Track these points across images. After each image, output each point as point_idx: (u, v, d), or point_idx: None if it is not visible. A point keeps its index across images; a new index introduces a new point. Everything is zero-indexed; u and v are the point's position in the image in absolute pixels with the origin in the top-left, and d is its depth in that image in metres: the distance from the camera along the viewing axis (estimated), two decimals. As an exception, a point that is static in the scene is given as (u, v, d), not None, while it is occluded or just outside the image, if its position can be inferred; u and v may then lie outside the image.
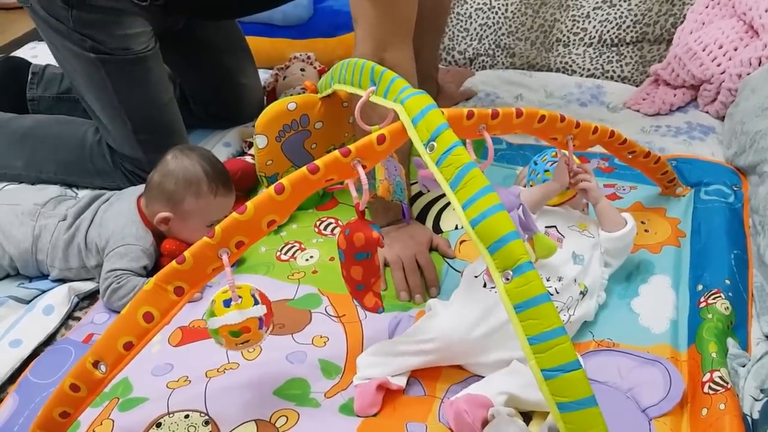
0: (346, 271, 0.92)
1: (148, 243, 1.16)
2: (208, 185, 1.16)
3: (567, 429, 0.66)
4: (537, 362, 0.67)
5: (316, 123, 1.27)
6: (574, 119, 1.04)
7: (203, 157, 1.19)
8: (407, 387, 0.94)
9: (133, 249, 1.14)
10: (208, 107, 1.58)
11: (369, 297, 0.94)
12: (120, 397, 0.95)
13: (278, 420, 0.90)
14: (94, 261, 1.16)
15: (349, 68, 1.02)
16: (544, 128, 0.99)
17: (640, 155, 1.19)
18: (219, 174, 1.19)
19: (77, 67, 1.32)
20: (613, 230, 1.07)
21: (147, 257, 1.15)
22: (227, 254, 0.77)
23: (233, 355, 1.00)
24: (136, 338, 0.77)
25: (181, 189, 1.16)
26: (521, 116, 0.94)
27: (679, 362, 0.97)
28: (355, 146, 0.81)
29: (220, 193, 1.18)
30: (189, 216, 1.17)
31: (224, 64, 1.55)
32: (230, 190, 1.21)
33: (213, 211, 1.18)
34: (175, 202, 1.16)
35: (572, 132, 1.04)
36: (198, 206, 1.17)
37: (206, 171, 1.17)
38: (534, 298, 0.67)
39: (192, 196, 1.16)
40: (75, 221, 1.18)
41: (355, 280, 0.93)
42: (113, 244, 1.14)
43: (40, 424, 0.79)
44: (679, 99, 1.61)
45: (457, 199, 0.74)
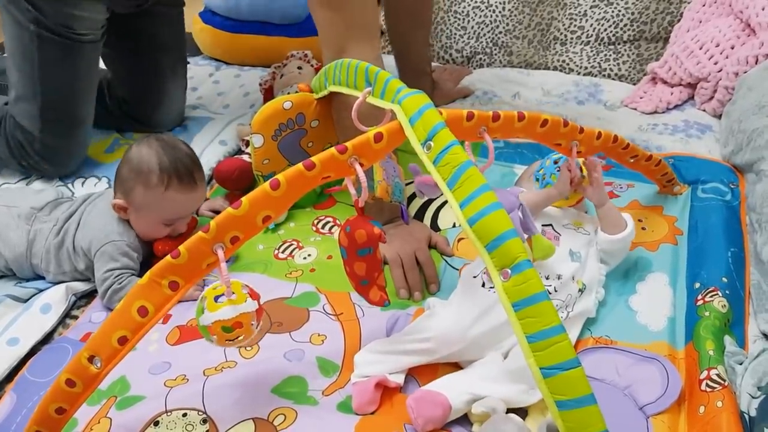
0: (349, 267, 0.92)
1: (132, 237, 1.14)
2: (158, 177, 1.09)
3: (566, 427, 0.66)
4: (535, 360, 0.67)
5: (312, 121, 1.27)
6: (578, 125, 1.03)
7: (167, 147, 1.12)
8: (405, 385, 0.95)
9: (119, 245, 1.12)
10: (124, 104, 1.56)
11: (374, 291, 0.94)
12: (117, 396, 0.95)
13: (276, 418, 0.90)
14: (83, 264, 1.15)
15: (343, 69, 1.02)
16: (546, 133, 0.98)
17: (642, 159, 1.18)
18: (176, 168, 1.11)
19: (13, 34, 1.30)
20: (613, 232, 1.07)
21: (134, 250, 1.13)
22: (222, 249, 0.77)
23: (231, 354, 1.00)
24: (131, 332, 0.76)
25: (132, 177, 1.11)
26: (523, 120, 0.93)
27: (677, 360, 0.97)
28: (352, 143, 0.81)
29: (172, 188, 1.10)
30: (140, 208, 1.12)
31: (159, 61, 1.53)
32: (190, 186, 1.12)
33: (164, 206, 1.11)
34: (126, 191, 1.13)
35: (576, 137, 1.02)
36: (146, 198, 1.11)
37: (161, 162, 1.10)
38: (532, 296, 0.67)
39: (141, 187, 1.10)
40: (63, 225, 1.17)
41: (359, 275, 0.93)
42: (97, 243, 1.12)
43: (37, 421, 0.78)
44: (676, 97, 1.61)
45: (454, 198, 0.74)
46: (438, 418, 0.87)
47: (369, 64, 0.94)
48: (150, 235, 1.15)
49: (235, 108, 1.72)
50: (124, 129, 1.59)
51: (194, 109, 1.71)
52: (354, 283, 0.94)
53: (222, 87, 1.84)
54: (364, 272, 0.92)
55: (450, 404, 0.87)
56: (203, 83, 1.86)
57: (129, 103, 1.56)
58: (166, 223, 1.13)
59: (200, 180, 1.14)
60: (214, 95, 1.80)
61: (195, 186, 1.13)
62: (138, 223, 1.14)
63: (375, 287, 0.94)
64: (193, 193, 1.13)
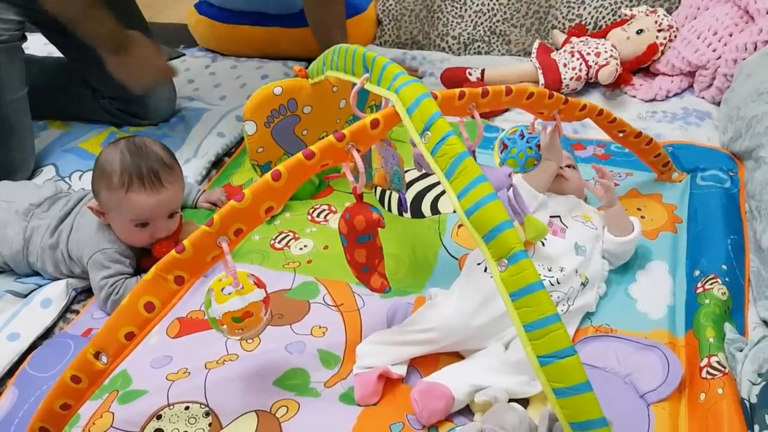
0: (349, 255, 0.93)
1: (122, 245, 1.12)
2: (118, 178, 1.06)
3: (563, 414, 0.67)
4: (533, 349, 0.67)
5: (304, 107, 1.27)
6: (563, 96, 1.05)
7: (134, 148, 1.09)
8: (407, 375, 0.95)
9: (108, 253, 1.10)
10: (114, 102, 1.55)
11: (375, 278, 0.95)
12: (119, 390, 0.95)
13: (279, 410, 0.90)
14: (79, 269, 1.14)
15: (341, 54, 1.02)
16: (532, 104, 1.00)
17: (631, 135, 1.20)
18: (138, 169, 1.06)
19: None
20: (619, 235, 1.07)
21: (125, 257, 1.12)
22: (226, 242, 0.77)
23: (232, 347, 1.00)
24: (138, 328, 0.77)
25: (97, 179, 1.09)
26: (510, 93, 0.95)
27: (677, 347, 0.97)
28: (350, 130, 0.81)
29: (133, 190, 1.06)
30: (109, 210, 1.10)
31: None
32: (153, 189, 1.07)
33: (128, 208, 1.07)
34: (95, 193, 1.11)
35: (560, 107, 1.05)
36: (111, 201, 1.08)
37: (123, 163, 1.06)
38: (528, 286, 0.68)
39: (105, 189, 1.08)
40: (59, 226, 1.16)
41: (360, 263, 0.93)
42: (88, 252, 1.11)
43: (41, 417, 0.79)
44: (676, 85, 1.61)
45: (452, 189, 0.74)
46: (442, 409, 0.87)
47: (367, 50, 0.93)
48: (129, 239, 1.12)
49: (231, 99, 1.72)
50: (121, 125, 1.58)
51: (191, 101, 1.71)
52: (355, 271, 0.95)
53: (218, 78, 1.83)
54: (364, 259, 0.92)
55: (453, 395, 0.87)
56: (200, 75, 1.85)
57: (117, 100, 1.55)
58: (137, 224, 1.09)
59: (169, 182, 1.09)
60: (210, 87, 1.79)
61: (160, 188, 1.08)
62: (114, 227, 1.12)
63: (376, 274, 0.95)
64: (158, 195, 1.08)
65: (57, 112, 1.59)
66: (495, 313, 0.93)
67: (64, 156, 1.47)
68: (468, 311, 0.94)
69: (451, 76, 1.68)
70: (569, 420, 0.67)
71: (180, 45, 2.02)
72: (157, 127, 1.57)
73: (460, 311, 0.94)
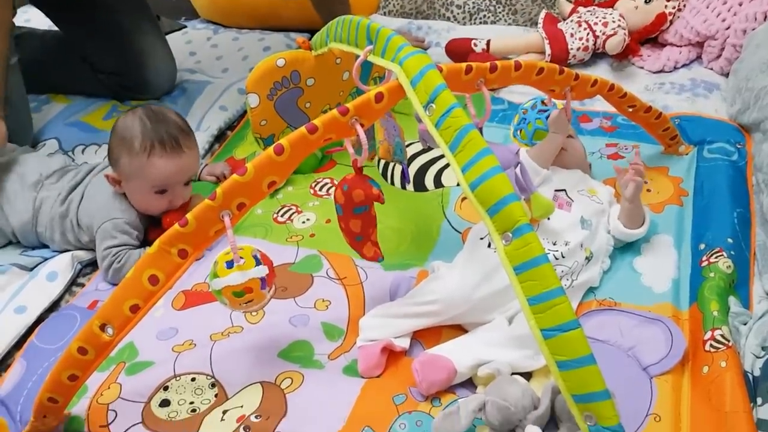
0: (344, 224, 0.93)
1: (133, 215, 1.13)
2: (140, 143, 1.08)
3: (566, 387, 0.67)
4: (536, 322, 0.67)
5: (307, 80, 1.26)
6: (573, 72, 1.03)
7: (152, 115, 1.10)
8: (410, 348, 0.95)
9: (117, 222, 1.11)
10: (113, 77, 1.54)
11: (368, 247, 0.95)
12: (126, 362, 0.96)
13: (283, 381, 0.91)
14: (87, 237, 1.15)
15: (345, 26, 1.00)
16: (542, 80, 0.99)
17: (641, 110, 1.18)
18: (159, 134, 1.08)
19: None
20: (629, 227, 1.06)
21: (134, 228, 1.13)
22: (229, 216, 0.78)
23: (237, 319, 1.01)
24: (143, 301, 0.77)
25: (117, 147, 1.10)
26: (520, 69, 0.94)
27: (681, 321, 0.97)
28: (353, 104, 0.81)
29: (155, 154, 1.08)
30: (129, 177, 1.10)
31: (119, 25, 1.48)
32: (174, 153, 1.09)
33: (150, 173, 1.09)
34: (114, 161, 1.12)
35: (571, 84, 1.03)
36: (132, 167, 1.09)
37: (144, 128, 1.08)
38: (533, 260, 0.68)
39: (126, 155, 1.09)
40: (68, 196, 1.17)
41: (354, 232, 0.93)
42: (99, 220, 1.12)
43: (49, 388, 0.80)
44: (684, 56, 1.59)
45: (456, 162, 0.74)
46: (442, 381, 0.88)
47: (371, 21, 0.92)
48: (147, 206, 1.14)
49: (234, 72, 1.70)
50: (122, 99, 1.57)
51: (193, 73, 1.69)
52: (348, 239, 0.95)
53: (220, 51, 1.82)
54: (359, 229, 0.93)
55: (455, 368, 0.88)
56: (201, 47, 1.83)
57: (116, 74, 1.53)
58: (157, 191, 1.11)
59: (188, 147, 1.12)
60: (212, 59, 1.78)
61: (180, 153, 1.10)
62: (132, 195, 1.13)
63: (369, 243, 0.95)
64: (179, 160, 1.10)
65: (58, 85, 1.59)
66: (498, 286, 0.93)
67: (67, 130, 1.46)
68: (471, 284, 0.94)
69: (456, 47, 1.66)
70: (572, 392, 0.67)
71: (181, 17, 2.00)
72: (159, 101, 1.56)
73: (463, 284, 0.94)
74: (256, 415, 0.87)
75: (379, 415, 0.86)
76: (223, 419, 0.87)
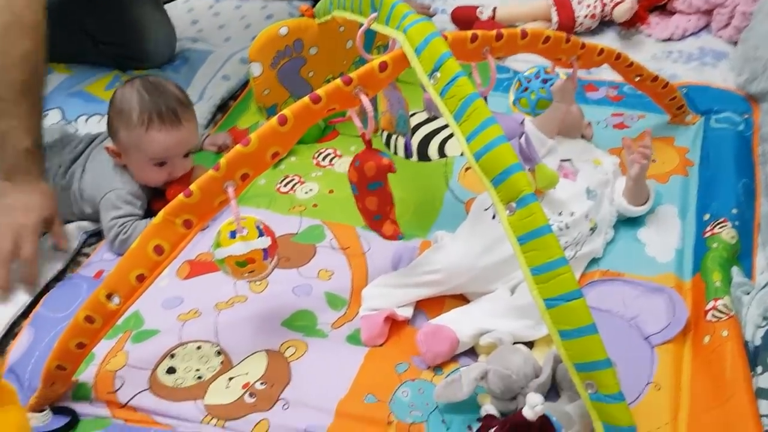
0: (361, 203, 0.93)
1: (135, 186, 1.13)
2: (138, 116, 1.07)
3: (568, 356, 0.68)
4: (539, 292, 0.68)
5: (310, 48, 1.24)
6: (580, 40, 1.02)
7: (150, 87, 1.10)
8: (413, 318, 0.96)
9: (120, 193, 1.11)
10: (113, 47, 1.51)
11: (387, 225, 0.95)
12: (132, 330, 0.97)
13: (287, 350, 0.92)
14: (90, 209, 1.15)
15: (349, -7, 0.99)
16: (548, 48, 0.98)
17: (648, 79, 1.17)
18: (157, 106, 1.08)
19: None
20: (633, 204, 1.06)
21: (137, 198, 1.13)
22: (233, 187, 0.78)
23: (241, 288, 1.01)
24: (148, 270, 0.78)
25: (115, 119, 1.10)
26: (526, 37, 0.93)
27: (683, 291, 0.97)
28: (357, 74, 0.80)
29: (153, 127, 1.07)
30: (127, 149, 1.10)
31: None
32: (172, 125, 1.09)
33: (149, 146, 1.08)
34: (113, 134, 1.12)
35: (577, 53, 1.03)
36: (130, 139, 1.09)
37: (141, 100, 1.08)
38: (536, 230, 0.67)
39: (124, 128, 1.09)
40: (70, 167, 1.17)
41: (371, 210, 0.93)
42: (102, 191, 1.12)
43: (57, 356, 0.81)
44: (693, 24, 1.57)
45: (461, 131, 0.73)
46: (446, 351, 0.88)
47: None
48: (147, 179, 1.13)
49: (236, 41, 1.68)
50: (125, 68, 1.55)
51: (194, 42, 1.68)
52: (367, 219, 0.95)
53: (222, 19, 1.80)
54: (375, 207, 0.92)
55: (458, 338, 0.89)
56: (203, 16, 1.81)
57: (115, 45, 1.52)
58: (156, 163, 1.10)
59: (187, 120, 1.11)
60: (215, 28, 1.76)
61: (179, 126, 1.09)
62: (132, 167, 1.13)
63: (388, 221, 0.95)
64: (177, 133, 1.09)
65: (59, 55, 1.57)
66: (501, 255, 0.93)
67: (70, 100, 1.45)
68: (474, 253, 0.94)
69: (461, 15, 1.64)
70: (573, 361, 0.68)
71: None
72: (161, 69, 1.55)
73: (466, 252, 0.95)
74: (261, 382, 0.88)
75: (381, 383, 0.87)
76: (229, 386, 0.88)
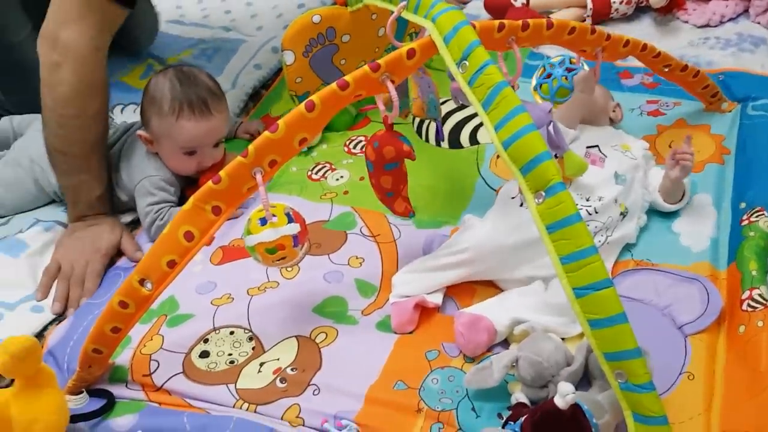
0: (375, 180, 0.94)
1: (168, 173, 1.15)
2: (169, 105, 1.09)
3: (598, 345, 0.67)
4: (568, 281, 0.67)
5: (343, 36, 1.25)
6: (605, 32, 1.01)
7: (183, 76, 1.12)
8: (443, 305, 0.96)
9: (154, 180, 1.13)
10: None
11: (399, 202, 0.96)
12: (167, 314, 0.99)
13: (318, 336, 0.93)
14: (125, 196, 1.17)
15: (379, -20, 0.99)
16: (573, 40, 0.97)
17: (677, 69, 1.15)
18: (188, 96, 1.10)
19: None
20: (667, 201, 1.05)
21: (170, 184, 1.15)
22: (261, 173, 0.78)
23: (273, 274, 1.03)
24: (179, 256, 0.79)
25: (147, 107, 1.12)
26: (551, 28, 0.92)
27: (718, 280, 0.96)
28: (385, 60, 0.80)
29: (184, 116, 1.09)
30: (158, 137, 1.12)
31: None
32: (202, 115, 1.10)
33: (179, 134, 1.10)
34: (145, 121, 1.14)
35: (602, 44, 1.01)
36: (161, 128, 1.11)
37: (174, 90, 1.10)
38: (565, 219, 0.67)
39: (155, 116, 1.11)
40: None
41: (385, 188, 0.94)
42: (136, 178, 1.14)
43: (94, 339, 0.83)
44: (731, 9, 1.53)
45: (489, 120, 0.73)
46: (485, 342, 0.89)
47: None
48: (177, 167, 1.15)
49: (268, 29, 1.70)
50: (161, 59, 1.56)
51: (227, 31, 1.70)
52: (380, 195, 0.96)
53: (255, 8, 1.81)
54: (390, 185, 0.93)
55: (495, 329, 0.89)
56: (236, 5, 1.83)
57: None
58: (186, 152, 1.12)
59: (217, 111, 1.12)
60: (247, 17, 1.77)
61: (209, 116, 1.11)
62: (163, 154, 1.15)
63: (400, 198, 0.96)
64: (207, 123, 1.11)
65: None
66: (530, 236, 0.92)
67: (106, 90, 1.48)
68: (502, 232, 0.94)
69: (495, 2, 1.62)
70: (603, 350, 0.67)
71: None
72: (194, 58, 1.57)
73: (494, 232, 0.95)
74: (292, 367, 0.89)
75: (411, 369, 0.88)
76: (260, 371, 0.89)
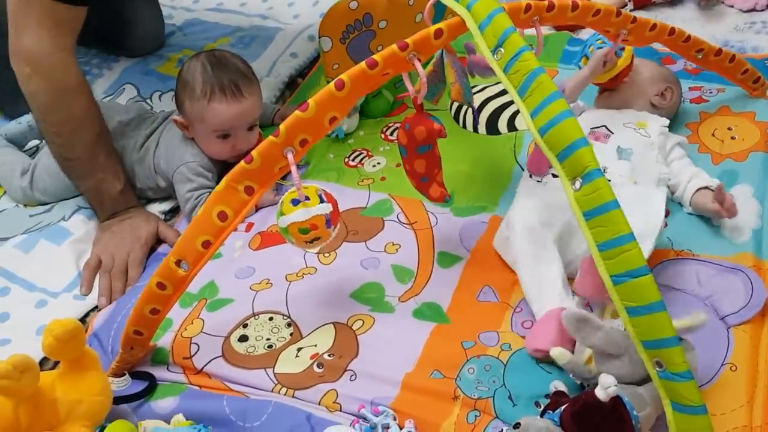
0: (409, 165, 0.94)
1: (205, 158, 1.17)
2: (201, 88, 1.11)
3: (636, 333, 0.67)
4: (606, 268, 0.67)
5: (380, 22, 1.25)
6: (631, 14, 1.00)
7: (214, 60, 1.14)
8: (480, 293, 0.96)
9: (192, 166, 1.15)
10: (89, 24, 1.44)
11: (434, 188, 0.96)
12: (207, 299, 1.01)
13: (355, 323, 0.94)
14: (164, 183, 1.19)
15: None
16: (598, 21, 0.96)
17: (710, 53, 1.12)
18: (219, 79, 1.11)
19: None
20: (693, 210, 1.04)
21: (207, 170, 1.17)
22: (292, 153, 0.79)
23: (310, 260, 1.04)
24: (213, 237, 0.81)
25: (180, 92, 1.14)
26: (576, 9, 0.91)
27: (762, 271, 0.94)
28: (413, 40, 0.80)
29: (215, 99, 1.11)
30: (192, 121, 1.14)
31: None
32: (234, 98, 1.12)
33: (212, 117, 1.12)
34: (179, 105, 1.16)
35: (627, 27, 1.00)
36: (194, 111, 1.13)
37: (205, 74, 1.12)
38: (603, 206, 0.67)
39: (188, 100, 1.13)
40: (145, 142, 1.21)
41: (419, 173, 0.94)
42: (174, 165, 1.16)
43: (134, 321, 0.85)
44: (780, -9, 1.48)
45: (525, 107, 0.72)
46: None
47: None
48: (212, 151, 1.17)
49: (304, 17, 1.70)
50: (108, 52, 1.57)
51: (264, 19, 1.71)
52: (414, 181, 0.96)
53: (292, -4, 1.82)
54: (424, 169, 0.93)
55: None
56: (273, -7, 1.84)
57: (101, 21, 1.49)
58: (219, 135, 1.14)
59: (249, 93, 1.14)
60: (284, 5, 1.78)
61: (241, 98, 1.12)
62: (198, 139, 1.17)
63: (435, 183, 0.96)
64: (238, 105, 1.12)
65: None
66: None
67: (144, 79, 1.51)
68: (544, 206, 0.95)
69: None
70: (641, 338, 0.67)
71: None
72: (230, 45, 1.59)
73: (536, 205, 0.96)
74: (329, 353, 0.90)
75: (447, 358, 0.88)
76: (298, 356, 0.91)
